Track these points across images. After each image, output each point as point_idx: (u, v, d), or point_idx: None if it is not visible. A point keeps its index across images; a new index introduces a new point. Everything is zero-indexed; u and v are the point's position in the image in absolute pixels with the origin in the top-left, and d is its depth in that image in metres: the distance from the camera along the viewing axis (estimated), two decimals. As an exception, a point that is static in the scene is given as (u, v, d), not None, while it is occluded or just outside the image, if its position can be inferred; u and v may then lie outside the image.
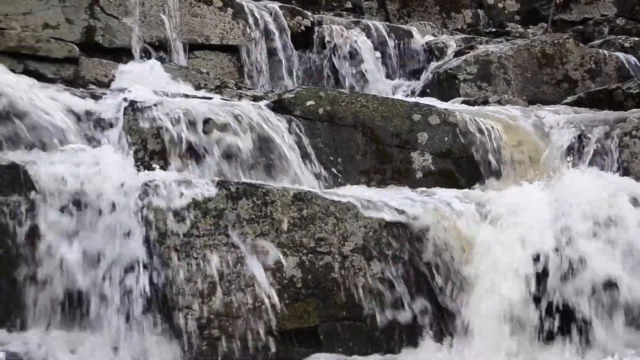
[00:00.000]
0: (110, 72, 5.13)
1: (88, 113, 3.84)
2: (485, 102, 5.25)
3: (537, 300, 3.35)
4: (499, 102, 5.25)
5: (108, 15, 5.48)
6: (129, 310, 3.22)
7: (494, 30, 8.15)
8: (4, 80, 3.68)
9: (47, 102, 3.73)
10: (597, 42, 7.10)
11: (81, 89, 4.18)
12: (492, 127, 4.39)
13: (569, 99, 5.63)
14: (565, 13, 8.55)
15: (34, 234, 3.21)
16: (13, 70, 4.20)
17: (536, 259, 3.38)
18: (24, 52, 5.01)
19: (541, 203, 3.56)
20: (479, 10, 8.52)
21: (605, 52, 6.44)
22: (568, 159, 4.26)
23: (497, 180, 4.27)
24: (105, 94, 4.09)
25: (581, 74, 6.24)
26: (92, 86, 4.90)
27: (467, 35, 7.39)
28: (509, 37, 7.43)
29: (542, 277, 3.36)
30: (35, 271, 3.19)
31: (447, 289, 3.44)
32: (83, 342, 3.18)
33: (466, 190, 4.03)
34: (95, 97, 3.99)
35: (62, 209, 3.25)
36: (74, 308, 3.22)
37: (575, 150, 4.33)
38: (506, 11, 8.75)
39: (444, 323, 3.45)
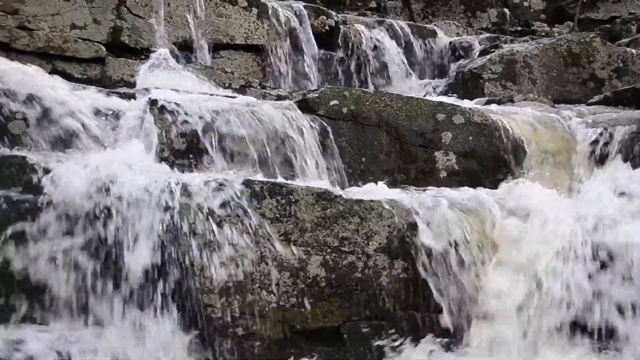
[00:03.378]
0: (136, 71, 5.17)
1: (114, 112, 3.88)
2: (510, 102, 5.22)
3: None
4: (524, 101, 5.21)
5: (134, 16, 5.53)
6: (153, 308, 3.25)
7: (519, 29, 8.09)
8: (39, 81, 3.75)
9: (77, 102, 3.78)
10: (625, 40, 7.02)
11: (108, 89, 4.23)
12: (517, 126, 4.37)
13: (595, 98, 5.58)
14: (592, 11, 8.47)
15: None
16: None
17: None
18: (51, 53, 5.08)
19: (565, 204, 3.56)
20: (505, 9, 8.46)
21: (633, 50, 6.36)
22: (593, 158, 4.23)
23: (522, 180, 4.25)
24: (131, 93, 4.14)
25: (608, 73, 6.17)
26: (118, 86, 4.95)
27: (492, 35, 7.35)
28: (534, 36, 7.38)
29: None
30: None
31: (471, 289, 3.43)
32: (107, 337, 3.22)
33: (491, 189, 4.02)
34: (122, 97, 4.04)
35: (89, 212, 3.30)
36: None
37: (600, 150, 4.30)
38: (532, 10, 8.69)
39: (467, 324, 3.44)
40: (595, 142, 4.32)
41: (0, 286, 3.15)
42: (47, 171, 3.33)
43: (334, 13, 6.54)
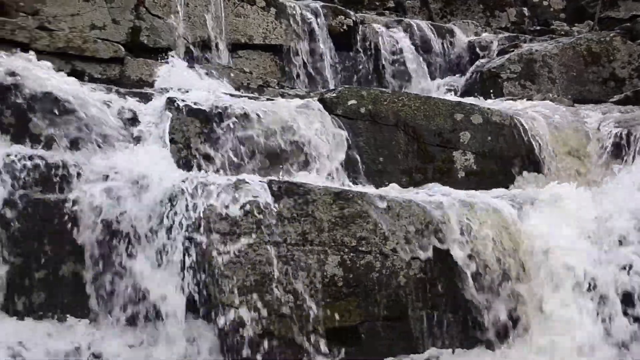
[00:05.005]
0: (155, 71, 5.19)
1: (133, 112, 3.91)
2: (530, 101, 5.18)
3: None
4: (544, 101, 5.17)
5: (153, 16, 5.56)
6: (171, 308, 3.27)
7: (538, 28, 8.04)
8: (58, 83, 3.78)
9: (97, 102, 3.81)
10: (646, 39, 6.95)
11: (127, 89, 4.25)
12: (536, 126, 4.34)
13: (616, 97, 5.53)
14: (612, 10, 8.39)
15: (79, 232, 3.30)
16: (61, 70, 4.29)
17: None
18: (71, 53, 5.11)
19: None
20: (524, 9, 8.41)
21: (654, 49, 6.30)
22: (613, 157, 4.20)
23: (541, 180, 4.22)
24: (150, 93, 4.16)
25: (629, 72, 6.11)
26: (137, 86, 4.97)
27: (511, 34, 7.31)
28: (553, 36, 7.32)
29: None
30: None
31: (489, 286, 3.42)
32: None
33: (508, 189, 4.00)
34: (141, 97, 4.06)
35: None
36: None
37: (620, 148, 4.26)
38: (551, 9, 8.63)
39: (484, 324, 3.43)
40: (616, 141, 4.29)
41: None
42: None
43: (352, 13, 6.53)
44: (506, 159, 4.26)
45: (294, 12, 6.09)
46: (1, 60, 3.79)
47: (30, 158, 3.39)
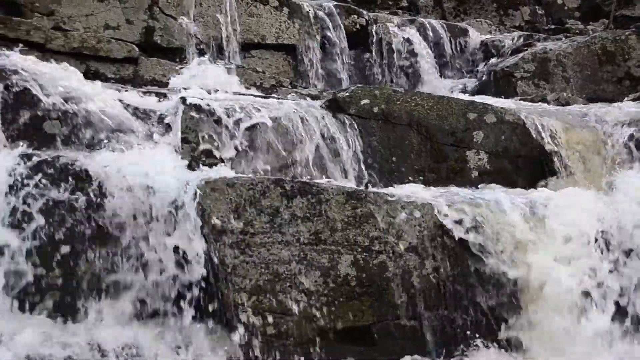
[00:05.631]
0: (168, 71, 5.21)
1: (147, 112, 3.92)
2: (543, 101, 5.16)
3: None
4: (557, 101, 5.15)
5: (166, 16, 5.58)
6: (185, 306, 3.28)
7: (552, 27, 7.99)
8: (74, 82, 3.81)
9: (111, 102, 3.83)
10: (661, 38, 6.89)
11: (140, 89, 4.27)
12: (550, 125, 4.32)
13: (631, 96, 5.49)
14: (627, 8, 8.33)
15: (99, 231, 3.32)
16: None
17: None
18: (85, 53, 5.14)
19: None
20: (537, 7, 8.36)
21: (670, 48, 6.25)
22: (628, 156, 4.17)
23: (555, 180, 4.20)
24: (163, 93, 4.17)
25: (644, 71, 6.08)
26: (150, 86, 4.99)
27: (525, 33, 7.27)
28: (568, 34, 7.28)
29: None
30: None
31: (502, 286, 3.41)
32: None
33: (522, 190, 3.98)
34: (155, 97, 4.08)
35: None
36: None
37: (635, 148, 4.23)
38: (566, 7, 8.58)
39: (499, 325, 3.42)
40: (631, 141, 4.26)
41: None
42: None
43: (365, 12, 6.53)
44: (520, 158, 4.24)
45: (307, 11, 6.10)
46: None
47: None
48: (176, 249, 3.29)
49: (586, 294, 3.35)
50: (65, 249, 3.27)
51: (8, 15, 5.06)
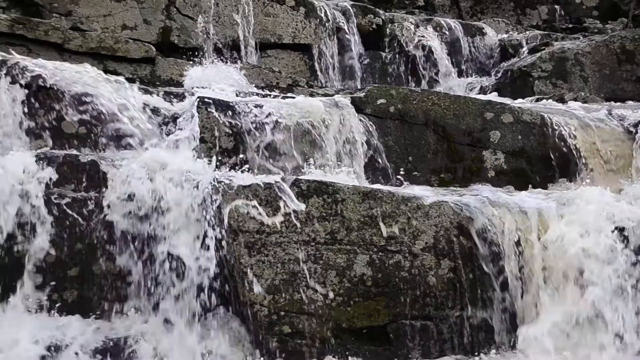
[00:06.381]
0: (185, 71, 5.24)
1: (164, 112, 3.94)
2: (561, 100, 5.13)
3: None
4: (575, 100, 5.11)
5: (183, 16, 5.60)
6: (202, 305, 3.29)
7: (570, 26, 7.94)
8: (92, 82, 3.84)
9: (129, 101, 3.85)
10: (681, 37, 6.82)
11: (158, 89, 4.29)
12: (568, 125, 4.29)
13: (651, 95, 5.45)
14: (646, 7, 8.25)
15: (112, 231, 3.34)
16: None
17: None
18: (103, 53, 5.18)
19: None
20: (555, 6, 8.31)
21: (689, 47, 6.19)
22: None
23: (572, 180, 4.18)
24: (180, 93, 4.19)
25: (664, 70, 6.02)
26: (167, 85, 5.02)
27: (542, 32, 7.23)
28: (586, 33, 7.23)
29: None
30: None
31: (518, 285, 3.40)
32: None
33: (540, 189, 3.96)
34: (172, 97, 4.09)
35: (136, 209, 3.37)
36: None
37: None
38: (584, 6, 8.51)
39: (516, 325, 3.40)
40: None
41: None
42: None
43: (381, 11, 6.52)
44: (537, 158, 4.22)
45: (324, 11, 6.10)
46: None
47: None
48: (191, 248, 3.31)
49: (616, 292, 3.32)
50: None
51: (27, 16, 5.10)
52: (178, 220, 3.34)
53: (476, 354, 3.35)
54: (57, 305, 3.26)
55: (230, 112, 3.91)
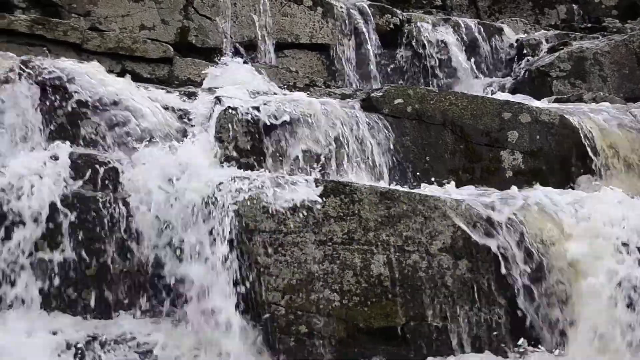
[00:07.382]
0: (203, 71, 5.25)
1: (182, 112, 3.96)
2: (580, 100, 5.09)
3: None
4: (594, 100, 5.07)
5: (201, 16, 5.62)
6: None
7: (589, 25, 7.88)
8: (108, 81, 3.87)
9: (147, 102, 3.87)
10: (702, 35, 6.75)
11: (176, 89, 4.31)
12: (586, 126, 4.26)
13: (671, 96, 5.40)
14: (666, 6, 8.18)
15: (129, 231, 3.36)
16: (111, 71, 4.37)
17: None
18: (121, 53, 5.20)
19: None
20: (574, 6, 8.25)
21: None
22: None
23: (591, 181, 4.15)
24: (198, 93, 4.21)
25: (684, 70, 5.96)
26: (185, 85, 5.04)
27: (561, 32, 7.18)
28: (605, 33, 7.17)
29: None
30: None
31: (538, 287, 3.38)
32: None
33: (559, 190, 3.93)
34: (189, 96, 4.11)
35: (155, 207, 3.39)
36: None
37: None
38: (603, 6, 8.45)
39: (534, 325, 3.38)
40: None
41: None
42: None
43: (398, 11, 6.50)
44: (555, 158, 4.19)
45: (341, 11, 6.09)
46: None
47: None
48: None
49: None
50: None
51: (45, 16, 5.14)
52: (192, 219, 3.35)
53: (495, 354, 3.33)
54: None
55: (247, 112, 3.92)
